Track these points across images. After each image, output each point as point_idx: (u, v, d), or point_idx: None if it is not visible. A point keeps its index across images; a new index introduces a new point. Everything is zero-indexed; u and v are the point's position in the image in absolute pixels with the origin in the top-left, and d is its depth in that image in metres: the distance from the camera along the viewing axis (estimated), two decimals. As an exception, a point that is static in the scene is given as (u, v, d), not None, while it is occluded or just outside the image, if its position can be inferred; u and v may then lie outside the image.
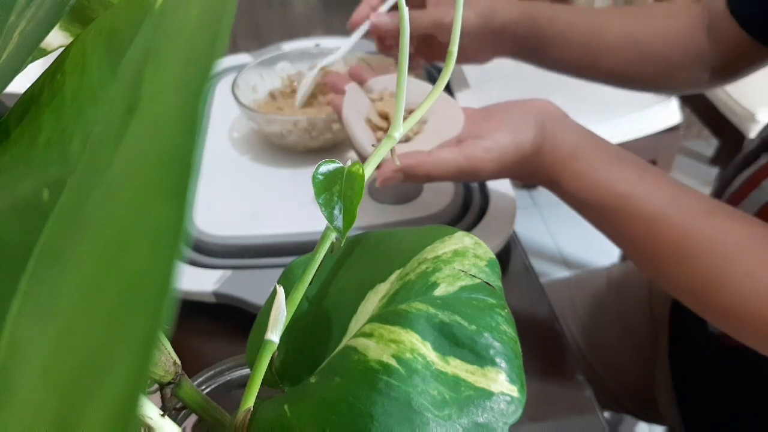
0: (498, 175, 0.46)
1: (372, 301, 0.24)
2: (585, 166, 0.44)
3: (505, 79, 1.11)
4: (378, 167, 0.44)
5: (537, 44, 0.59)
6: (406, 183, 0.46)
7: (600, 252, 1.60)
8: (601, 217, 0.45)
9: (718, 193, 0.59)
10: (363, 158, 0.50)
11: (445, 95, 0.51)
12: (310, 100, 0.64)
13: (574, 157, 0.45)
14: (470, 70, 0.73)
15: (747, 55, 0.56)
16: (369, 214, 0.55)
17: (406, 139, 0.50)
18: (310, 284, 0.24)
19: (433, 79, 0.70)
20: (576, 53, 0.59)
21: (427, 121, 0.51)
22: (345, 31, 0.63)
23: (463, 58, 0.61)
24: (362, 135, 0.49)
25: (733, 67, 0.59)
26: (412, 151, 0.45)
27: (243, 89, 0.64)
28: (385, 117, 0.52)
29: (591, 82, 0.64)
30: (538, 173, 0.46)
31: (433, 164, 0.44)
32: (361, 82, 0.54)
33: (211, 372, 0.31)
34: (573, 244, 1.64)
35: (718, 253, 0.40)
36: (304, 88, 0.64)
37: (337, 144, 0.64)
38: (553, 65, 0.62)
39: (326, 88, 0.65)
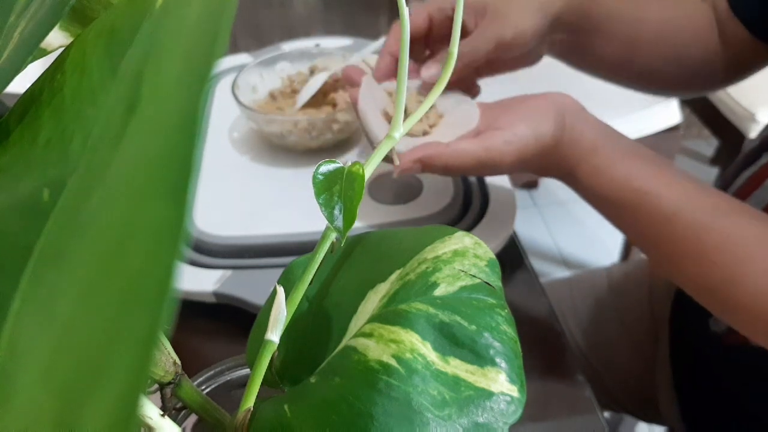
0: (516, 168, 0.45)
1: (372, 301, 0.25)
2: (602, 160, 0.44)
3: (504, 81, 1.11)
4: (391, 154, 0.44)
5: (583, 33, 0.56)
6: (423, 172, 0.45)
7: (600, 252, 1.60)
8: (618, 212, 0.45)
9: None
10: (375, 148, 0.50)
11: (459, 92, 0.51)
12: (310, 100, 0.64)
13: (592, 151, 0.45)
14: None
15: (751, 55, 0.56)
16: (369, 214, 0.55)
17: (423, 133, 0.49)
18: (310, 284, 0.24)
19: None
20: (617, 45, 0.57)
21: (444, 115, 0.51)
22: (345, 31, 0.62)
23: (516, 65, 0.55)
24: (376, 125, 0.48)
25: (739, 67, 0.58)
26: (430, 141, 0.45)
27: (243, 89, 0.64)
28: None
29: (621, 84, 0.63)
30: (556, 166, 0.46)
31: (451, 155, 0.43)
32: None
33: (211, 372, 0.31)
34: (573, 244, 1.65)
35: (735, 251, 0.40)
36: (309, 92, 0.64)
37: (337, 144, 0.64)
38: (593, 60, 0.60)
39: (328, 88, 0.65)
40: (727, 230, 0.41)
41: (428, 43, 0.54)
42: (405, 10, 0.23)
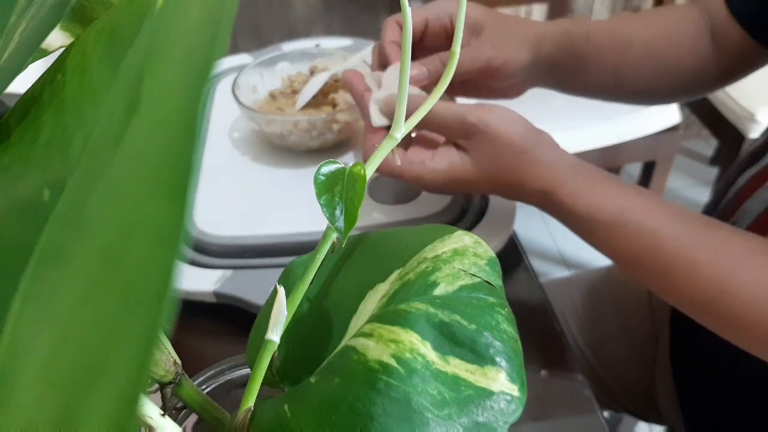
0: (489, 172, 0.45)
1: (372, 301, 0.25)
2: (583, 182, 0.45)
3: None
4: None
5: (571, 67, 0.57)
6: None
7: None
8: (602, 232, 0.45)
9: (721, 192, 0.59)
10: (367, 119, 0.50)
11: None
12: (311, 100, 0.64)
13: (573, 173, 0.45)
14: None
15: (750, 57, 0.56)
16: (369, 214, 0.55)
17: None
18: (310, 284, 0.24)
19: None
20: (604, 75, 0.58)
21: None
22: (345, 31, 0.62)
23: (499, 94, 0.55)
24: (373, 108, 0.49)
25: (736, 69, 0.58)
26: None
27: (243, 89, 0.64)
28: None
29: (613, 102, 0.63)
30: (531, 180, 0.45)
31: (424, 172, 0.45)
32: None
33: (212, 372, 0.31)
34: (573, 244, 1.64)
35: (726, 262, 0.40)
36: (310, 92, 0.64)
37: (337, 144, 0.64)
38: (580, 89, 0.60)
39: (328, 88, 0.65)
40: (716, 242, 0.41)
41: (418, 47, 0.53)
42: (408, 10, 0.23)
